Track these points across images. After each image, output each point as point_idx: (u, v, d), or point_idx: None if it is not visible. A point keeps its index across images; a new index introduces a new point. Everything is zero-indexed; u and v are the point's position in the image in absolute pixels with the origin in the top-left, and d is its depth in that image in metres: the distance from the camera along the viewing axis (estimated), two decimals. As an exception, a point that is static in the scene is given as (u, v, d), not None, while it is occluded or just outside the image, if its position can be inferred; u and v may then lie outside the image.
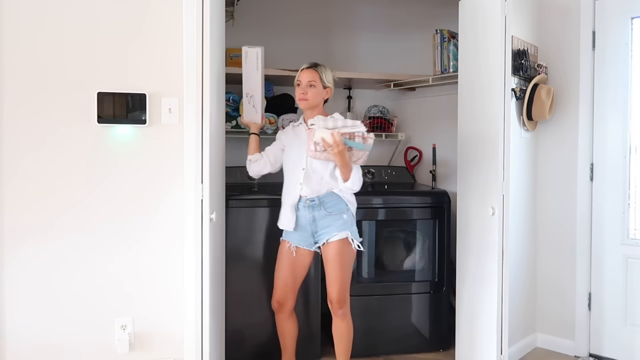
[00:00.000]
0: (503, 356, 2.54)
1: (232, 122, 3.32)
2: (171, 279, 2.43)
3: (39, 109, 2.28)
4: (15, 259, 2.27)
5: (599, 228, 3.02)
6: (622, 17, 2.92)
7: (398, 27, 3.85)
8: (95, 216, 2.34)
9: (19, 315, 2.29)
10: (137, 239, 2.39)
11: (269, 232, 2.81)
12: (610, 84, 2.96)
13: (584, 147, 3.04)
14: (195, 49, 2.17)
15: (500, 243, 2.51)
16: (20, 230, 2.27)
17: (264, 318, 2.81)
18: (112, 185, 2.36)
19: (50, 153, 2.29)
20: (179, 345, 2.45)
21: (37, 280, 2.30)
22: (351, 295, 2.95)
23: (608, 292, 2.99)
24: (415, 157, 3.65)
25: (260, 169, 2.62)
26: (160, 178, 2.41)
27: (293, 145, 2.51)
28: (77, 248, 2.33)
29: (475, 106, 2.66)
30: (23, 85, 2.26)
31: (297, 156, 2.46)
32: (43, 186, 2.29)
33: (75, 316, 2.34)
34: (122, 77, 2.35)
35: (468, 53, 2.72)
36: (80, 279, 2.34)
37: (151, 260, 2.41)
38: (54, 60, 2.28)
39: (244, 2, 3.40)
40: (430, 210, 3.01)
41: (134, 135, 2.37)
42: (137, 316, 2.41)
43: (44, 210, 2.29)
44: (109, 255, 2.37)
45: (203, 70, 2.16)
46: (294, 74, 3.22)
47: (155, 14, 2.38)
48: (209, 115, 2.14)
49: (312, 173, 2.42)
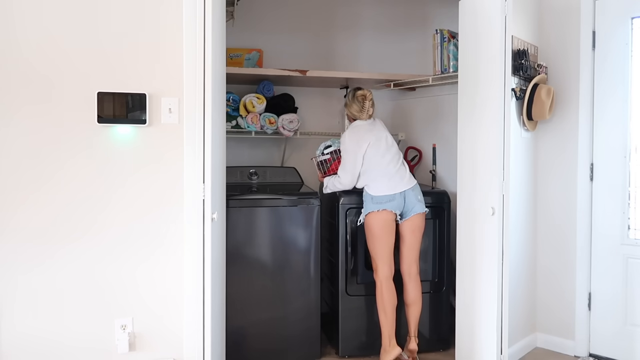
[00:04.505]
0: (503, 356, 2.54)
1: (232, 122, 3.32)
2: (171, 279, 2.44)
3: (39, 109, 2.28)
4: (16, 261, 2.27)
5: (599, 228, 3.02)
6: (622, 17, 2.92)
7: (398, 27, 3.85)
8: (95, 216, 2.34)
9: (19, 315, 2.29)
10: (137, 238, 2.39)
11: (269, 232, 2.81)
12: (610, 84, 2.96)
13: (584, 147, 3.04)
14: (196, 49, 2.17)
15: (500, 243, 2.51)
16: (21, 232, 2.27)
17: (264, 318, 2.81)
18: (112, 185, 2.36)
19: (50, 153, 2.29)
20: (179, 345, 2.46)
21: (36, 280, 2.30)
22: (351, 295, 2.97)
23: (608, 292, 2.99)
24: (415, 157, 3.65)
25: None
26: (160, 178, 2.41)
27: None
28: (76, 248, 2.33)
29: (475, 106, 2.66)
30: (23, 85, 2.26)
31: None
32: (42, 186, 2.29)
33: (75, 316, 2.34)
34: (122, 77, 2.35)
35: (468, 53, 2.72)
36: (80, 279, 2.34)
37: (151, 260, 2.41)
38: (54, 60, 2.28)
39: (244, 2, 3.40)
40: (430, 210, 3.01)
41: (134, 135, 2.37)
42: (137, 316, 2.41)
43: (43, 210, 2.29)
44: (109, 255, 2.37)
45: (205, 70, 2.15)
46: (294, 74, 3.25)
47: (156, 14, 2.38)
48: (210, 115, 2.14)
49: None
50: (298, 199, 2.86)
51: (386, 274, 2.78)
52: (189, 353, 2.45)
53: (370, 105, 2.89)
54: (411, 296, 2.84)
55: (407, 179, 2.84)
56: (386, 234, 2.77)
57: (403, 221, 2.82)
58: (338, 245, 2.95)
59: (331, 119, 3.75)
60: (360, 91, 2.92)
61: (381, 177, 2.80)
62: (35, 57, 2.26)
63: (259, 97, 3.34)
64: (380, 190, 2.78)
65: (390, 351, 2.75)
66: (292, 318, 2.85)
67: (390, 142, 2.89)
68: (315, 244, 2.87)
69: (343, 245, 2.95)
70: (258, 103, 3.33)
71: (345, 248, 2.95)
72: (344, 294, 2.96)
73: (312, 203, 2.87)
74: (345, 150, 2.87)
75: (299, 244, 2.85)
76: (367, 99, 2.89)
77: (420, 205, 2.83)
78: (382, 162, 2.82)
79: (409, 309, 2.86)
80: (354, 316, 2.98)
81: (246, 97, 3.33)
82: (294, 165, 3.61)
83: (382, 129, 2.92)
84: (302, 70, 3.28)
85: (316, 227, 2.87)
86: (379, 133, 2.88)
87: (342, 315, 2.96)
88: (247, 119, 3.31)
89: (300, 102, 3.62)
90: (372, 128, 2.89)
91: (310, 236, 2.86)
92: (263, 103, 3.34)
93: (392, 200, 2.76)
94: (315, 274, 2.88)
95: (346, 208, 2.94)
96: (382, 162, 2.82)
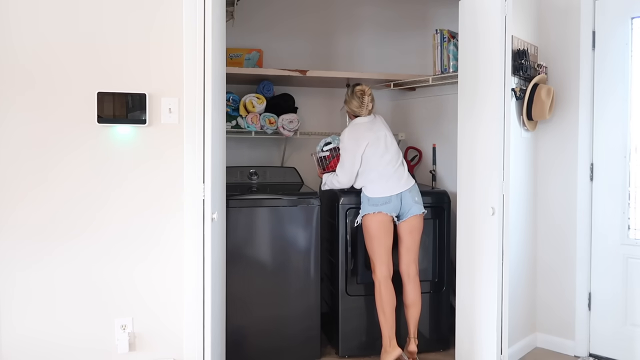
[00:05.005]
0: (503, 356, 2.54)
1: (232, 122, 3.32)
2: (171, 279, 2.44)
3: (39, 109, 2.28)
4: (14, 258, 2.27)
5: (599, 228, 3.02)
6: (622, 17, 2.92)
7: (398, 27, 3.85)
8: (95, 216, 2.34)
9: (18, 315, 2.29)
10: (137, 238, 2.39)
11: (269, 232, 2.81)
12: (610, 84, 2.96)
13: (584, 147, 3.04)
14: (196, 49, 2.17)
15: (500, 243, 2.51)
16: (20, 230, 2.27)
17: (264, 318, 2.81)
18: (112, 185, 2.36)
19: (49, 153, 2.29)
20: (179, 345, 2.46)
21: (36, 280, 2.30)
22: (351, 295, 2.97)
23: (608, 292, 2.99)
24: (415, 157, 3.65)
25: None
26: (159, 178, 2.41)
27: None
28: (76, 248, 2.33)
29: (475, 106, 2.66)
30: (23, 85, 2.26)
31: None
32: (42, 187, 2.29)
33: (74, 316, 2.34)
34: (122, 77, 2.35)
35: (468, 53, 2.72)
36: (79, 279, 2.34)
37: (151, 259, 2.41)
38: (53, 60, 2.28)
39: (244, 2, 3.40)
40: (430, 210, 3.01)
41: (134, 135, 2.37)
42: (137, 316, 2.41)
43: (42, 210, 2.29)
44: (108, 255, 2.37)
45: (205, 70, 2.15)
46: (294, 73, 3.25)
47: (156, 14, 2.38)
48: (210, 115, 2.14)
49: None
50: (298, 199, 2.86)
51: (384, 275, 2.78)
52: (189, 353, 2.45)
53: (369, 100, 2.89)
54: (410, 297, 2.84)
55: (404, 180, 2.83)
56: (383, 235, 2.77)
57: (400, 222, 2.82)
58: (338, 245, 2.95)
59: (331, 119, 3.75)
60: (359, 87, 2.91)
61: (378, 178, 2.80)
62: (35, 57, 2.26)
63: (259, 97, 3.34)
64: (377, 192, 2.78)
65: (390, 352, 2.75)
66: (292, 318, 2.85)
67: (389, 141, 2.88)
68: (315, 244, 2.87)
69: (343, 245, 2.95)
70: (258, 103, 3.33)
71: (345, 248, 2.95)
72: (344, 294, 2.96)
73: (312, 203, 2.87)
74: (344, 149, 2.87)
75: (299, 244, 2.85)
76: (365, 94, 2.88)
77: (417, 206, 2.83)
78: (380, 162, 2.82)
79: (409, 311, 2.85)
80: (354, 316, 2.98)
81: (246, 97, 3.33)
82: (294, 165, 3.61)
83: (382, 127, 2.91)
84: (302, 70, 3.28)
85: (316, 227, 2.87)
86: (379, 132, 2.87)
87: (342, 315, 2.96)
88: (247, 119, 3.31)
89: (300, 102, 3.62)
90: (372, 126, 2.88)
91: (310, 236, 2.86)
92: (263, 103, 3.34)
93: (387, 203, 2.76)
94: (315, 274, 2.88)
95: (346, 208, 2.94)
96: (380, 162, 2.82)
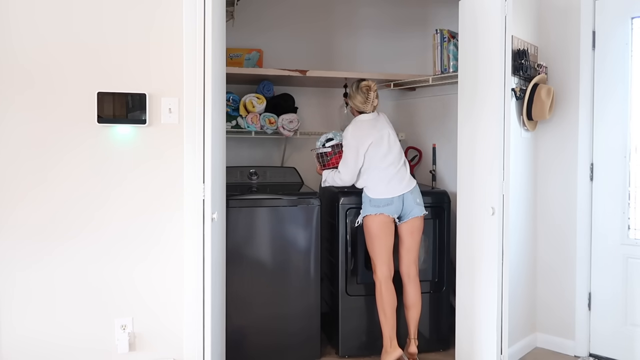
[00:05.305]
0: (503, 356, 2.54)
1: (232, 122, 3.32)
2: (171, 279, 2.44)
3: (39, 108, 2.28)
4: (14, 258, 2.27)
5: (599, 228, 3.02)
6: (622, 17, 2.92)
7: (398, 27, 3.85)
8: (95, 216, 2.34)
9: (17, 314, 2.29)
10: (136, 238, 2.39)
11: (269, 232, 2.81)
12: (610, 84, 2.96)
13: (584, 147, 3.04)
14: (196, 49, 2.17)
15: (500, 243, 2.51)
16: (20, 229, 2.27)
17: (264, 318, 2.81)
18: (112, 185, 2.36)
19: (49, 153, 2.29)
20: (179, 345, 2.46)
21: (36, 280, 2.30)
22: (351, 295, 2.97)
23: (608, 292, 2.99)
24: (415, 157, 3.65)
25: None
26: (159, 178, 2.41)
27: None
28: (76, 248, 2.33)
29: (475, 106, 2.66)
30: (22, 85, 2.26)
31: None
32: (41, 186, 2.29)
33: (74, 316, 2.34)
34: (122, 77, 2.35)
35: (468, 53, 2.72)
36: (79, 279, 2.34)
37: (151, 259, 2.41)
38: (53, 61, 2.28)
39: (244, 2, 3.40)
40: (430, 210, 3.01)
41: (134, 135, 2.37)
42: (137, 316, 2.41)
43: (42, 210, 2.29)
44: (108, 255, 2.37)
45: (204, 70, 2.15)
46: (294, 73, 3.25)
47: (156, 14, 2.38)
48: (210, 115, 2.14)
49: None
50: (298, 199, 2.86)
51: (385, 275, 2.78)
52: (189, 353, 2.45)
53: (374, 96, 2.87)
54: (411, 298, 2.84)
55: (406, 181, 2.83)
56: (384, 235, 2.77)
57: (401, 223, 2.82)
58: (338, 245, 2.95)
59: (331, 119, 3.75)
60: (364, 82, 2.89)
61: (380, 179, 2.79)
62: (34, 57, 2.26)
63: (259, 97, 3.34)
64: (379, 193, 2.77)
65: (391, 352, 2.75)
66: (292, 318, 2.85)
67: (392, 140, 2.87)
68: (315, 244, 2.87)
69: (343, 245, 2.95)
70: (258, 103, 3.33)
71: (345, 248, 2.95)
72: (344, 294, 2.96)
73: (312, 203, 2.87)
74: (348, 146, 2.85)
75: (299, 244, 2.85)
76: (371, 90, 2.87)
77: (418, 208, 2.82)
78: (383, 162, 2.81)
79: (409, 312, 2.85)
80: (354, 316, 2.98)
81: (246, 97, 3.33)
82: (294, 165, 3.61)
83: (385, 125, 2.90)
84: (302, 70, 3.28)
85: (316, 227, 2.87)
86: (382, 130, 2.86)
87: (342, 315, 2.96)
88: (247, 119, 3.31)
89: (300, 102, 3.62)
90: (376, 124, 2.87)
91: (310, 236, 2.86)
92: (263, 103, 3.34)
93: (389, 204, 2.76)
94: (315, 274, 2.88)
95: (346, 208, 2.94)
96: (383, 162, 2.81)
